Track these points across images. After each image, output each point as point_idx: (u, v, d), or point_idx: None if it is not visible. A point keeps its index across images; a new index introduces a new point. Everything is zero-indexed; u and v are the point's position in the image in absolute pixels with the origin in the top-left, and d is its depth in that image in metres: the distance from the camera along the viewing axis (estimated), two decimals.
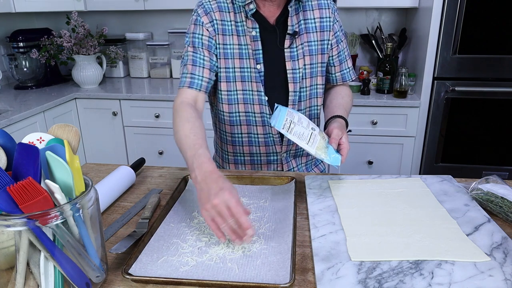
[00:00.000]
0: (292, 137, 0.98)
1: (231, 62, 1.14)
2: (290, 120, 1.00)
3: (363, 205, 0.95)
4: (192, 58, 1.13)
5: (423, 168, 2.29)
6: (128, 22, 2.91)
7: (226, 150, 1.28)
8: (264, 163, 1.26)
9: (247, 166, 1.28)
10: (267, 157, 1.25)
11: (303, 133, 0.99)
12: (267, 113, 1.18)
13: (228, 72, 1.15)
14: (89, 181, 0.68)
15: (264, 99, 1.17)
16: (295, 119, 1.01)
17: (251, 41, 1.13)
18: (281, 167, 1.27)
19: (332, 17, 1.20)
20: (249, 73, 1.15)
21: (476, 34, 2.02)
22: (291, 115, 1.01)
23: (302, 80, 1.18)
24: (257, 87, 1.16)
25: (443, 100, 2.14)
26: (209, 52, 1.13)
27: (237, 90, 1.17)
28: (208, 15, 1.13)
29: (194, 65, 1.12)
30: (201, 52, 1.13)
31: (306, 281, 0.72)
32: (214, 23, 1.13)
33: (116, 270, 0.75)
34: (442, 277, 0.70)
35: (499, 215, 0.91)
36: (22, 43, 2.51)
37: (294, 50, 1.16)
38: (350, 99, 1.27)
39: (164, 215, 0.92)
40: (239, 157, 1.27)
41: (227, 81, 1.16)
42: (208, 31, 1.13)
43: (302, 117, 1.03)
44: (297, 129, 0.99)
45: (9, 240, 0.60)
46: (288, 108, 1.03)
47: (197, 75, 1.12)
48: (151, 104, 2.39)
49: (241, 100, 1.18)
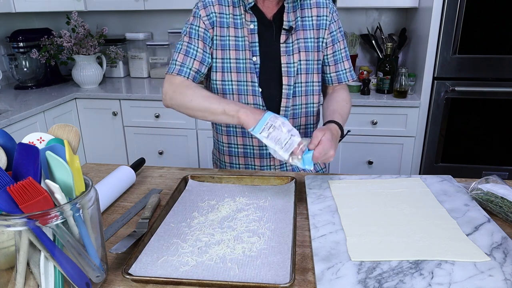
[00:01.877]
0: (267, 142, 0.96)
1: (227, 53, 1.18)
2: (271, 124, 0.97)
3: (363, 205, 0.95)
4: (186, 48, 1.17)
5: (423, 168, 2.29)
6: (128, 22, 2.91)
7: (222, 141, 1.30)
8: (257, 157, 1.27)
9: (240, 159, 1.29)
10: (259, 150, 1.26)
11: (280, 138, 0.97)
12: (261, 105, 1.20)
13: (224, 62, 1.18)
14: (89, 181, 0.68)
15: (258, 90, 1.19)
16: (277, 124, 0.98)
17: (248, 34, 1.17)
18: (273, 161, 1.28)
19: (329, 17, 1.21)
20: (244, 64, 1.18)
21: (476, 34, 2.02)
22: (273, 119, 0.98)
23: (297, 75, 1.20)
24: (252, 78, 1.18)
25: (443, 100, 2.14)
26: (204, 43, 1.17)
27: (232, 80, 1.19)
28: (206, 8, 1.17)
29: (186, 55, 1.17)
30: (195, 43, 1.17)
31: (306, 281, 0.72)
32: (211, 16, 1.17)
33: (116, 270, 0.75)
34: (442, 277, 0.70)
35: (499, 215, 0.91)
36: (22, 43, 2.51)
37: (290, 45, 1.18)
38: (346, 103, 1.25)
39: (164, 215, 0.92)
40: (233, 149, 1.29)
41: (222, 71, 1.19)
42: (204, 24, 1.17)
43: (286, 123, 1.00)
44: (275, 134, 0.97)
45: (9, 240, 0.60)
46: (273, 114, 1.00)
47: (186, 65, 1.16)
48: (151, 104, 2.39)
49: (235, 90, 1.20)
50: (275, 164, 1.28)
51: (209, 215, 0.93)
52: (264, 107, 1.20)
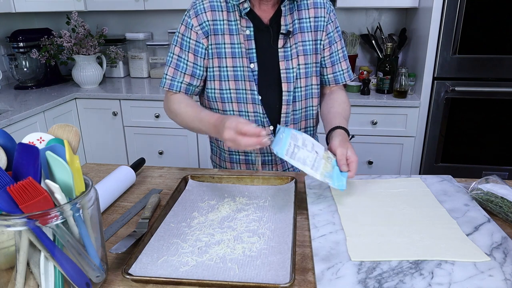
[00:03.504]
0: (295, 163, 0.92)
1: (224, 61, 1.15)
2: (294, 144, 0.95)
3: (363, 205, 0.95)
4: (176, 62, 1.17)
5: (423, 168, 2.29)
6: (128, 22, 2.91)
7: (223, 148, 1.28)
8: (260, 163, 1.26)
9: (242, 166, 1.28)
10: (262, 157, 1.25)
11: (307, 158, 0.94)
12: (261, 113, 1.18)
13: (221, 71, 1.15)
14: (89, 181, 0.68)
15: (258, 98, 1.16)
16: (299, 143, 0.96)
17: (244, 40, 1.13)
18: (275, 167, 1.27)
19: (326, 17, 1.18)
20: (242, 72, 1.15)
21: (476, 34, 2.02)
22: (295, 138, 0.96)
23: (296, 80, 1.17)
24: (250, 86, 1.15)
25: (443, 100, 2.14)
26: (194, 56, 1.15)
27: (230, 89, 1.16)
28: (198, 17, 1.13)
29: (176, 69, 1.17)
30: (186, 56, 1.16)
31: (306, 281, 0.72)
32: (204, 25, 1.13)
33: (116, 270, 0.75)
34: (442, 277, 0.70)
35: (499, 215, 0.91)
36: (22, 43, 2.51)
37: (288, 50, 1.15)
38: (347, 105, 1.24)
39: (164, 215, 0.92)
40: (235, 156, 1.27)
41: (220, 79, 1.16)
42: (197, 34, 1.14)
43: (306, 138, 0.99)
44: (301, 154, 0.94)
45: (9, 240, 0.60)
46: (291, 130, 0.99)
47: (177, 79, 1.17)
48: (151, 104, 2.39)
49: (234, 99, 1.17)
50: (277, 170, 1.27)
51: (209, 215, 0.93)
52: (265, 115, 1.17)
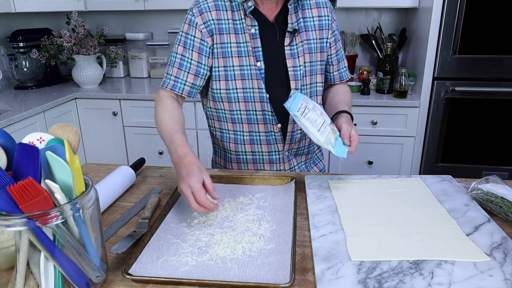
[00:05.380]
0: (305, 122, 0.99)
1: (230, 61, 1.14)
2: (305, 105, 1.01)
3: (363, 205, 0.95)
4: (179, 61, 1.14)
5: (423, 168, 2.29)
6: (128, 22, 2.91)
7: (229, 149, 1.27)
8: (267, 162, 1.26)
9: (249, 165, 1.28)
10: (269, 156, 1.25)
11: (316, 120, 1.01)
12: (269, 111, 1.17)
13: (227, 70, 1.14)
14: (89, 181, 0.68)
15: (266, 96, 1.16)
16: (310, 106, 1.02)
17: (250, 39, 1.13)
18: (283, 165, 1.27)
19: (330, 16, 1.21)
20: (249, 71, 1.14)
21: (476, 34, 2.02)
22: (306, 101, 1.02)
23: (302, 78, 1.18)
24: (258, 84, 1.15)
25: (443, 100, 2.14)
26: (199, 54, 1.13)
27: (237, 88, 1.16)
28: (203, 15, 1.12)
29: (180, 69, 1.14)
30: (189, 55, 1.13)
31: (306, 281, 0.72)
32: (209, 23, 1.12)
33: (116, 270, 0.75)
34: (442, 277, 0.70)
35: (499, 215, 0.91)
36: (22, 43, 2.51)
37: (294, 48, 1.16)
38: (350, 95, 1.29)
39: (164, 215, 0.92)
40: (242, 156, 1.27)
41: (226, 79, 1.15)
42: (201, 33, 1.12)
43: (317, 106, 1.05)
44: (311, 115, 1.00)
45: (9, 240, 0.60)
46: (304, 95, 1.05)
47: (181, 79, 1.14)
48: (151, 104, 2.38)
49: (241, 98, 1.17)
50: (285, 169, 1.27)
51: (209, 215, 0.93)
52: (273, 113, 1.17)
